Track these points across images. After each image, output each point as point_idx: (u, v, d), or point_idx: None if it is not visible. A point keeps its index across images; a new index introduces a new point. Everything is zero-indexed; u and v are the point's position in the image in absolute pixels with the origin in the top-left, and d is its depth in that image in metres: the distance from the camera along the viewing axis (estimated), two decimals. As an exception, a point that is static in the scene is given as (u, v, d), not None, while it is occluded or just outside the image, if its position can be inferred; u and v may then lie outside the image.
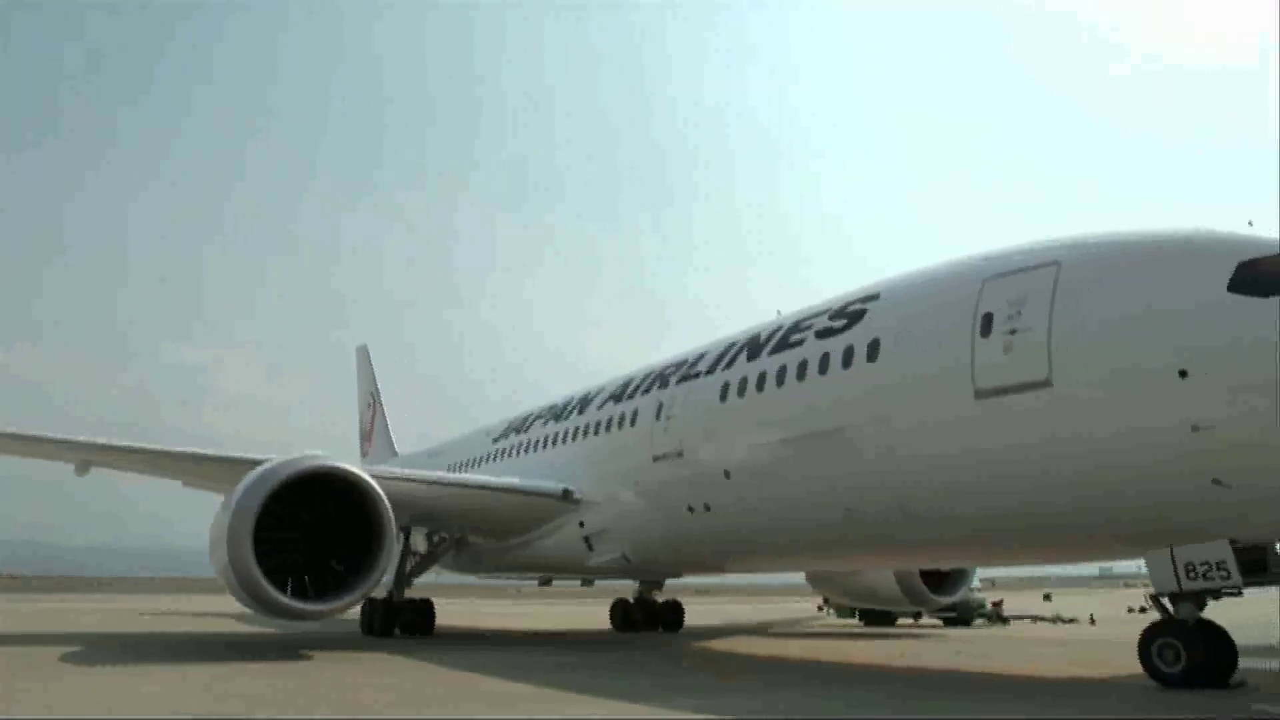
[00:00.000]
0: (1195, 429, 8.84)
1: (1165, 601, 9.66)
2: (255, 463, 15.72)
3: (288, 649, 15.22)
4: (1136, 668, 9.58)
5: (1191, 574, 9.27)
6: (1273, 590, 10.13)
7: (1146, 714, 8.26)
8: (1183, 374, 8.93)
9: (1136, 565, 10.43)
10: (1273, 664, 12.13)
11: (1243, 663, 9.49)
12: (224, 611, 29.02)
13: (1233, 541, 9.09)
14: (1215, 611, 9.59)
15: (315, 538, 15.66)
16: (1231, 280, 9.05)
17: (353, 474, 15.57)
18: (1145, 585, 10.15)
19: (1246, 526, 9.15)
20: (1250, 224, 9.90)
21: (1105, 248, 10.45)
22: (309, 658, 13.78)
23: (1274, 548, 9.48)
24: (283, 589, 14.59)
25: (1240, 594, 9.29)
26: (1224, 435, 8.73)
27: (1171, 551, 9.40)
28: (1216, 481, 8.85)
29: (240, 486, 14.73)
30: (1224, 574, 9.07)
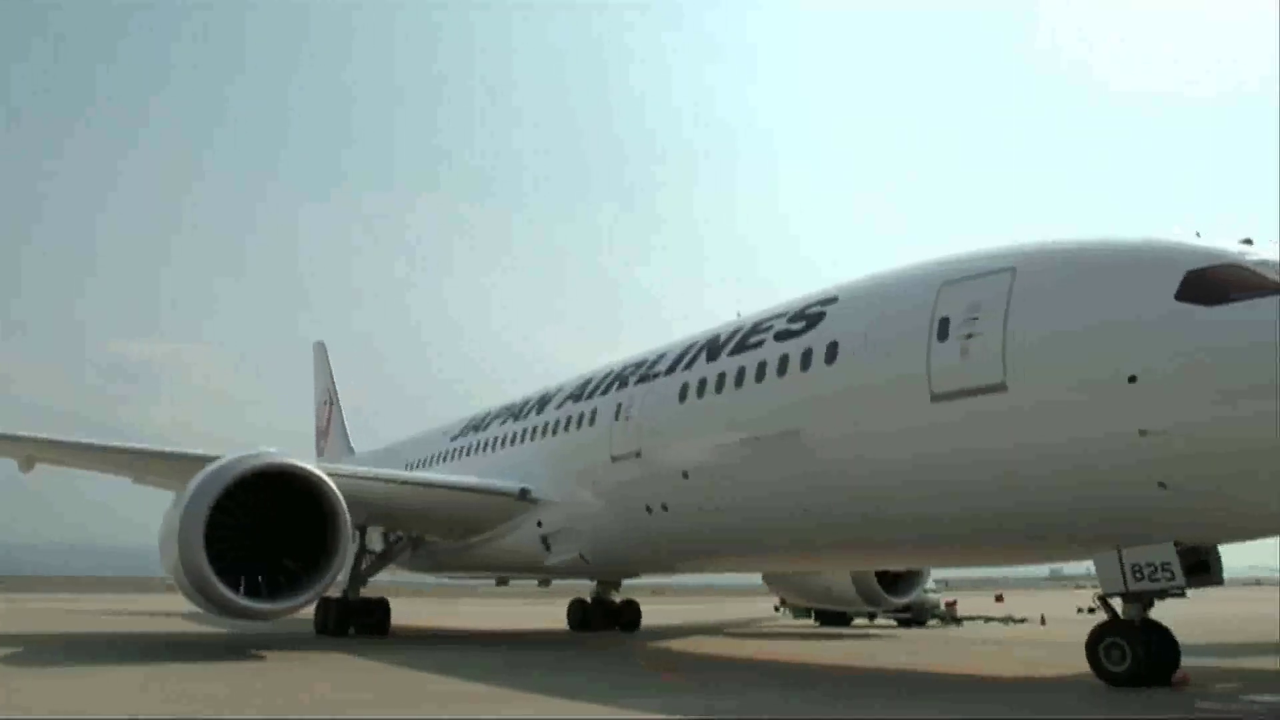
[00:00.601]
0: (1143, 433, 9.02)
1: (1113, 602, 9.87)
2: (208, 459, 15.47)
3: (239, 649, 15.01)
4: (1085, 667, 9.76)
5: (1138, 575, 9.47)
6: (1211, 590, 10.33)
7: (1093, 714, 8.41)
8: (1132, 380, 9.11)
9: (1086, 567, 10.60)
10: (1214, 661, 12.42)
11: (1186, 661, 9.71)
12: (175, 611, 28.52)
13: (1177, 543, 9.30)
14: (1185, 609, 9.79)
15: (269, 536, 15.44)
16: (1179, 289, 9.25)
17: (308, 471, 15.38)
18: (1094, 586, 10.34)
19: (1190, 529, 9.37)
20: (1198, 235, 10.16)
21: (1059, 255, 10.63)
22: (261, 658, 13.60)
23: (1216, 549, 9.71)
24: (235, 588, 14.37)
25: (1184, 594, 9.50)
26: (1170, 440, 8.92)
27: (1119, 553, 9.59)
28: (1162, 485, 9.04)
29: (193, 483, 14.49)
30: (1169, 575, 9.28)
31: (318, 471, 15.52)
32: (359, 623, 19.65)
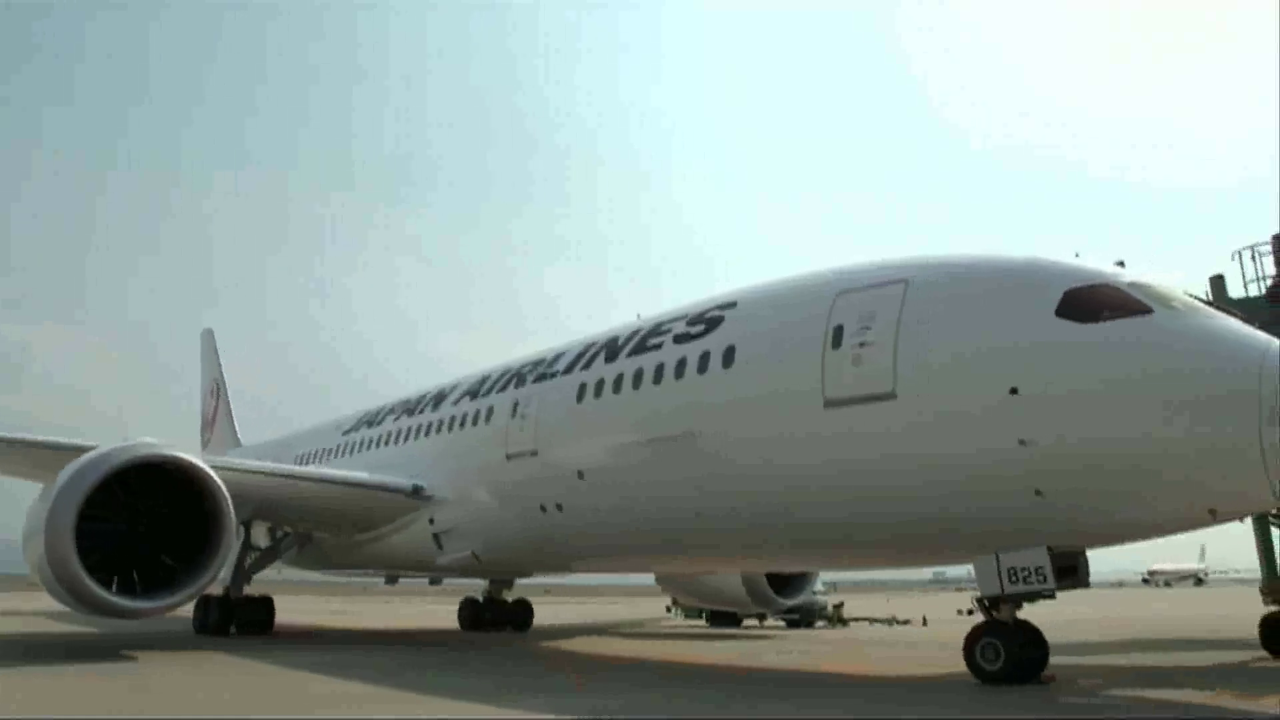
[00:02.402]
0: (1022, 443, 9.41)
1: (990, 604, 10.25)
2: (82, 449, 14.75)
3: (108, 650, 14.35)
4: (963, 666, 10.12)
5: (1013, 578, 9.86)
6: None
7: (965, 712, 8.73)
8: (1013, 391, 9.50)
9: (966, 570, 10.98)
10: (1077, 659, 13.04)
11: (1053, 659, 10.17)
12: (40, 610, 27.06)
13: (1050, 548, 9.73)
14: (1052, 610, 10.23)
15: (147, 531, 14.79)
16: (1059, 307, 9.70)
17: (190, 463, 14.78)
18: (974, 589, 10.72)
19: (1063, 535, 9.80)
20: (1077, 255, 10.66)
21: (950, 269, 11.02)
22: (131, 659, 13.04)
23: (1084, 553, 10.19)
24: (107, 586, 13.73)
25: (1054, 596, 9.94)
26: (1046, 450, 9.33)
27: (996, 557, 9.97)
28: (1038, 493, 9.46)
29: (63, 475, 13.79)
30: (1041, 578, 9.70)
31: (200, 464, 14.94)
32: (241, 621, 19.06)
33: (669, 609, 30.95)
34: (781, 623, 27.51)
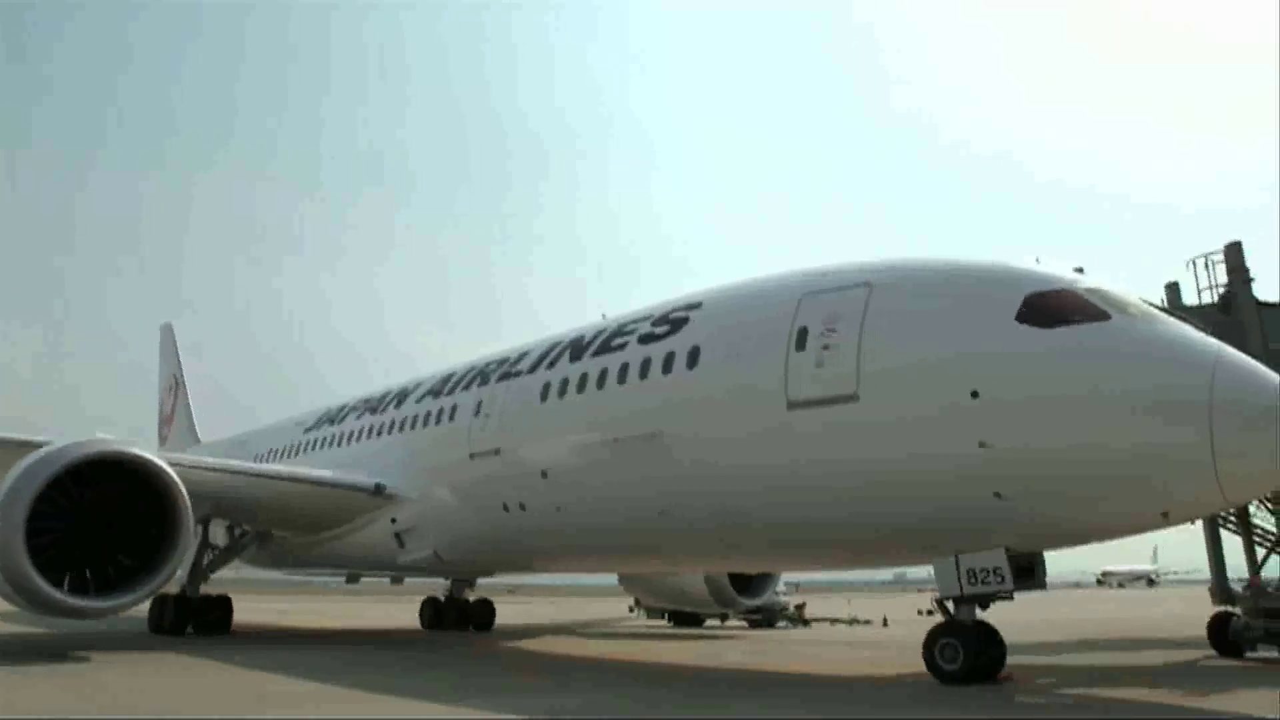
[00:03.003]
0: (982, 445, 9.53)
1: (949, 605, 10.37)
2: (32, 445, 14.47)
3: (59, 651, 14.06)
4: (922, 666, 10.22)
5: (972, 580, 9.99)
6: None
7: (924, 711, 8.82)
8: (974, 395, 9.62)
9: (927, 571, 11.09)
10: (1032, 659, 13.22)
11: (1010, 658, 10.30)
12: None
13: (1008, 550, 9.86)
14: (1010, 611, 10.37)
15: (102, 529, 14.51)
16: (1020, 311, 9.83)
17: (145, 459, 14.55)
18: (934, 590, 10.84)
19: (1020, 536, 9.93)
20: (1038, 260, 10.81)
21: (913, 273, 11.14)
22: (83, 659, 12.80)
23: (1041, 555, 10.34)
24: (60, 585, 13.47)
25: (1012, 598, 10.09)
26: (1005, 452, 9.45)
27: (956, 559, 10.09)
28: (997, 495, 9.58)
29: (14, 471, 13.52)
30: (1000, 579, 9.83)
31: (157, 460, 14.71)
32: (198, 621, 18.79)
33: (632, 609, 30.95)
34: (744, 623, 27.60)
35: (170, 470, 14.56)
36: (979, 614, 10.22)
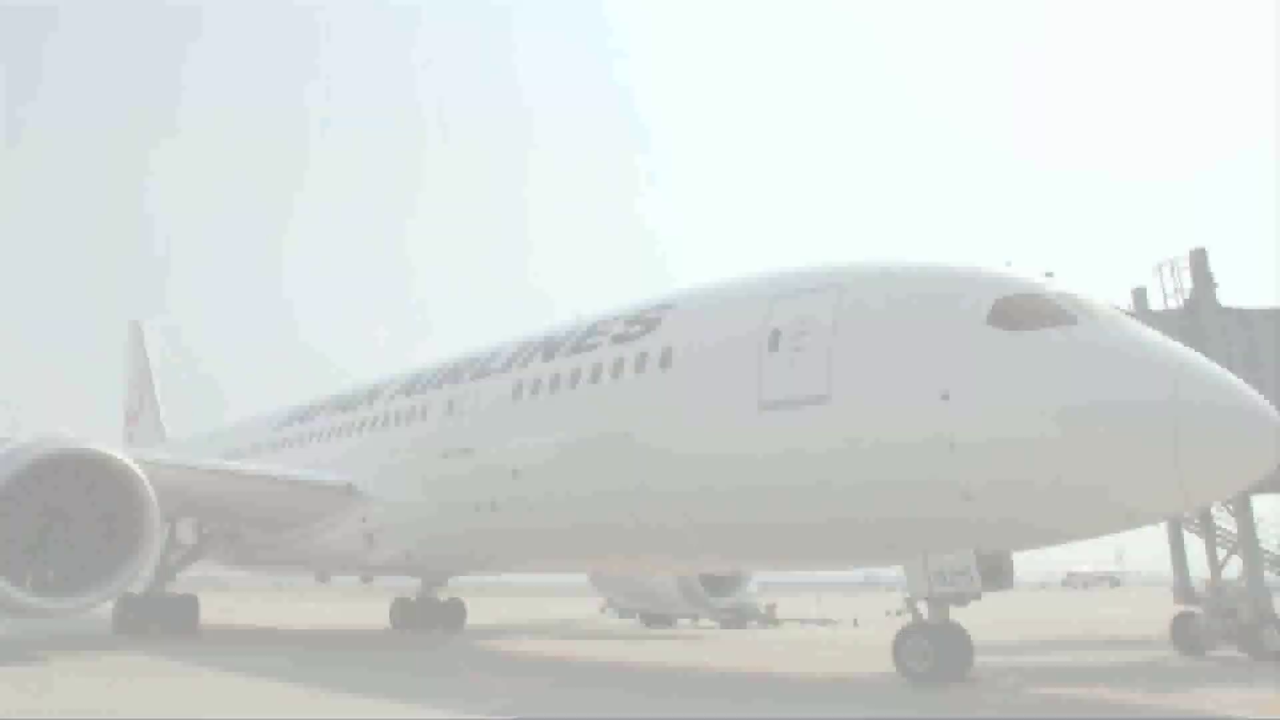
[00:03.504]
0: (952, 447, 9.61)
1: (919, 605, 10.45)
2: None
3: (15, 652, 13.84)
4: (891, 665, 10.28)
5: (941, 580, 10.07)
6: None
7: (895, 710, 8.89)
8: (944, 397, 9.70)
9: (897, 571, 11.17)
10: (1000, 658, 13.36)
11: (980, 658, 10.40)
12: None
13: (976, 551, 9.95)
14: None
15: (65, 527, 14.30)
16: (989, 314, 9.92)
17: (110, 457, 14.37)
18: (904, 590, 10.92)
19: (988, 537, 10.02)
20: (1009, 263, 10.92)
21: (885, 275, 11.19)
22: (40, 660, 12.61)
23: (1009, 556, 10.44)
24: (21, 584, 13.27)
25: (980, 598, 10.17)
26: (974, 454, 9.53)
27: (924, 559, 10.17)
28: (966, 496, 9.67)
29: (-25, 468, 13.30)
30: (968, 580, 9.91)
31: (122, 457, 14.53)
32: (164, 620, 18.54)
33: (603, 609, 30.92)
34: (715, 623, 27.64)
35: (135, 467, 14.39)
36: (949, 614, 10.31)
